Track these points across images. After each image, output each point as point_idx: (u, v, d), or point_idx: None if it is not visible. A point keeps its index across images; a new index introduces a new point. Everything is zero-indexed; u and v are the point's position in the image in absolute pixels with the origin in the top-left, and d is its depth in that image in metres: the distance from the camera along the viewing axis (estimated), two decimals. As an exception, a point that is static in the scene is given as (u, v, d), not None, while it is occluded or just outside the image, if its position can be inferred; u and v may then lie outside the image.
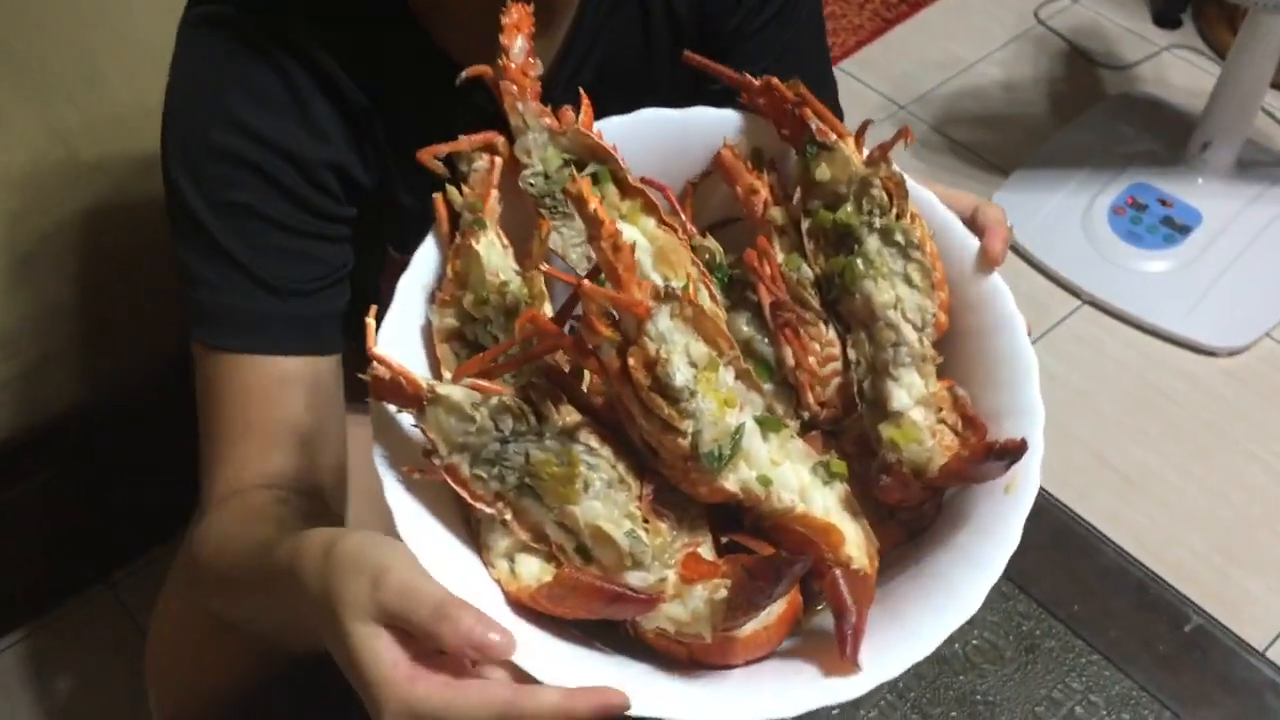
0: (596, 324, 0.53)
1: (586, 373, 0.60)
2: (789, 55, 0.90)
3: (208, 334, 0.80)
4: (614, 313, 0.53)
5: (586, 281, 0.53)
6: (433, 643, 0.52)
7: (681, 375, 0.53)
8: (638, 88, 0.76)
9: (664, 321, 0.53)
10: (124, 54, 1.40)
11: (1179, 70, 2.25)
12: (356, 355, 0.60)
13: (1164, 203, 1.92)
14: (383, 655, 0.52)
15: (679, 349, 0.53)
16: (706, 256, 0.65)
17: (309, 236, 0.81)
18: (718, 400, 0.54)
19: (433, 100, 0.78)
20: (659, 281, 0.58)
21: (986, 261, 0.64)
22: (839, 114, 0.96)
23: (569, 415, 0.56)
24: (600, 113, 0.66)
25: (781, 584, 0.54)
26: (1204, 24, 2.31)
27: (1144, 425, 1.73)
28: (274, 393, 0.79)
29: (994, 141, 2.13)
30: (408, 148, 0.71)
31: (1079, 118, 2.14)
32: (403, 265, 0.85)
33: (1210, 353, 1.80)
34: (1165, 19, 2.35)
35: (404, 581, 0.52)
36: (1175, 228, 1.89)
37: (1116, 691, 0.90)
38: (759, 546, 0.58)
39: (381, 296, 0.83)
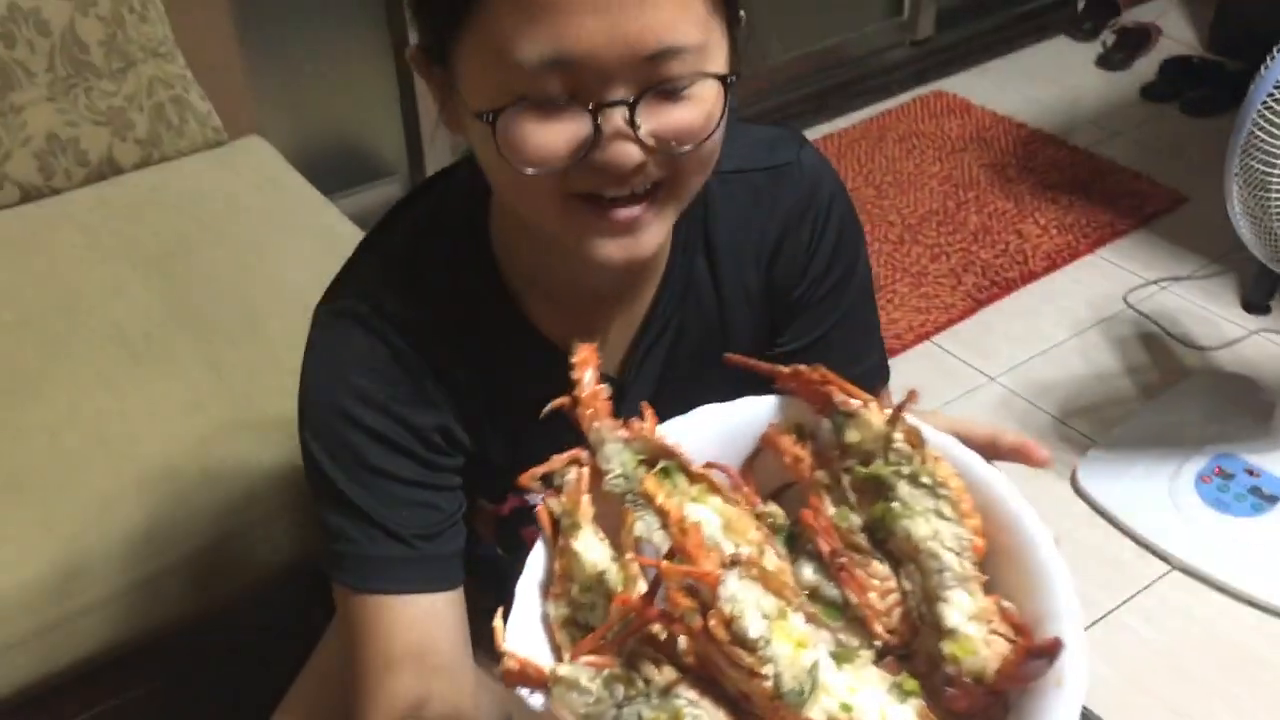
0: (678, 597, 0.62)
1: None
2: (846, 321, 1.01)
3: (352, 580, 0.91)
4: (692, 584, 0.62)
5: (665, 563, 0.63)
6: None
7: (755, 627, 0.61)
8: (712, 360, 0.87)
9: (733, 584, 0.61)
10: (277, 300, 1.62)
11: (1267, 351, 2.32)
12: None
13: (1251, 472, 1.96)
14: None
15: (750, 605, 0.61)
16: (770, 520, 0.74)
17: (427, 488, 0.92)
18: (792, 643, 0.61)
19: (525, 370, 0.91)
20: (729, 548, 0.67)
21: (1036, 462, 0.73)
22: (885, 369, 1.09)
23: (669, 675, 0.64)
24: (675, 389, 0.76)
25: None
26: (1292, 308, 2.39)
27: (1233, 690, 1.72)
28: (412, 627, 0.90)
29: (1082, 413, 2.21)
30: (499, 413, 0.83)
31: (1166, 392, 2.22)
32: (494, 513, 0.97)
33: (1303, 621, 1.79)
34: (1254, 305, 2.44)
35: None
36: (1263, 497, 1.92)
37: None
38: None
39: (482, 540, 0.96)
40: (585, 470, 0.71)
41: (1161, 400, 2.20)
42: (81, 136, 1.87)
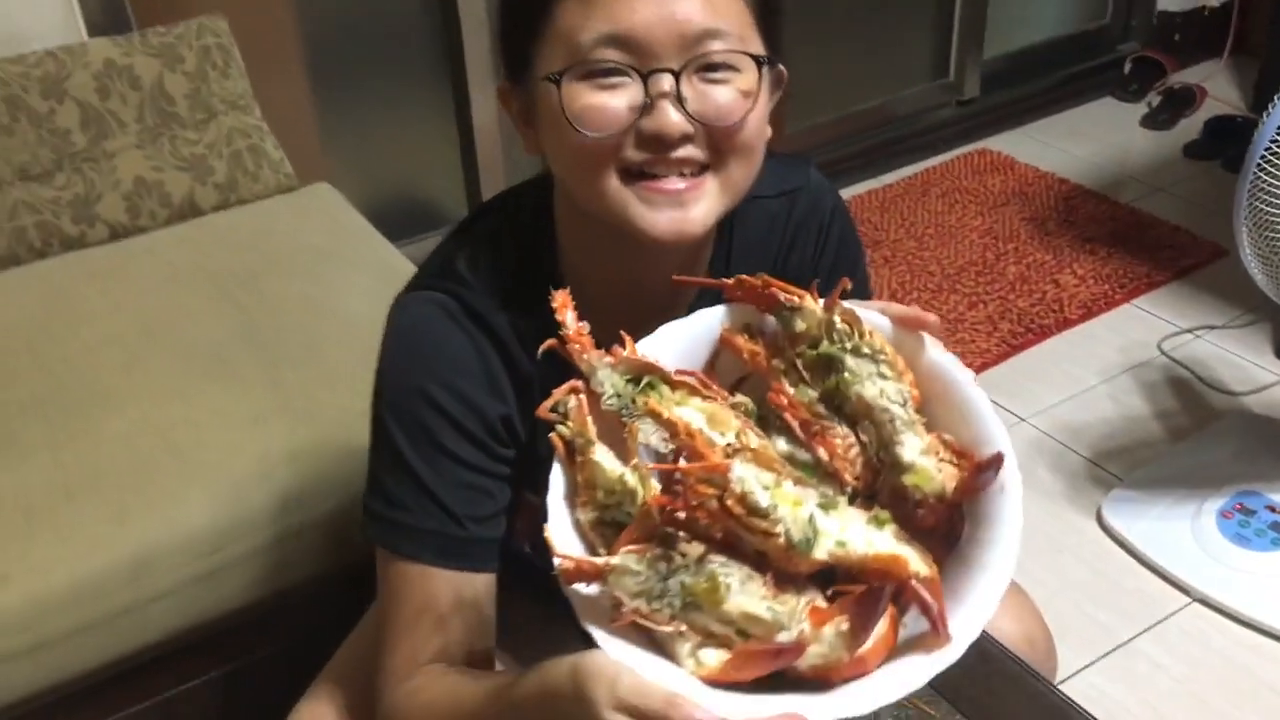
0: (699, 489, 0.75)
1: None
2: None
3: (403, 547, 0.99)
4: (706, 477, 0.75)
5: (684, 464, 0.75)
6: None
7: (763, 498, 0.74)
8: None
9: (739, 469, 0.74)
10: (336, 327, 1.76)
11: (1298, 397, 2.36)
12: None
13: (1271, 509, 2.00)
14: None
15: (755, 482, 0.75)
16: (743, 408, 0.86)
17: (485, 474, 1.00)
18: (791, 503, 0.75)
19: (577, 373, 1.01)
20: (718, 438, 0.80)
21: (926, 325, 0.84)
22: None
23: (698, 548, 0.77)
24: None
25: (882, 603, 0.74)
26: (1325, 357, 2.43)
27: (1249, 718, 1.75)
28: (448, 597, 1.00)
29: (1111, 454, 2.27)
30: None
31: (1194, 434, 2.27)
32: (535, 506, 1.06)
33: (1321, 652, 1.83)
34: (1287, 352, 2.49)
35: (636, 682, 0.72)
36: (1283, 532, 1.96)
37: None
38: (854, 588, 0.77)
39: (515, 536, 1.06)
40: (583, 397, 0.82)
41: (1189, 442, 2.25)
42: (166, 180, 2.05)
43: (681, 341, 0.89)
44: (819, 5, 3.10)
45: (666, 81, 0.87)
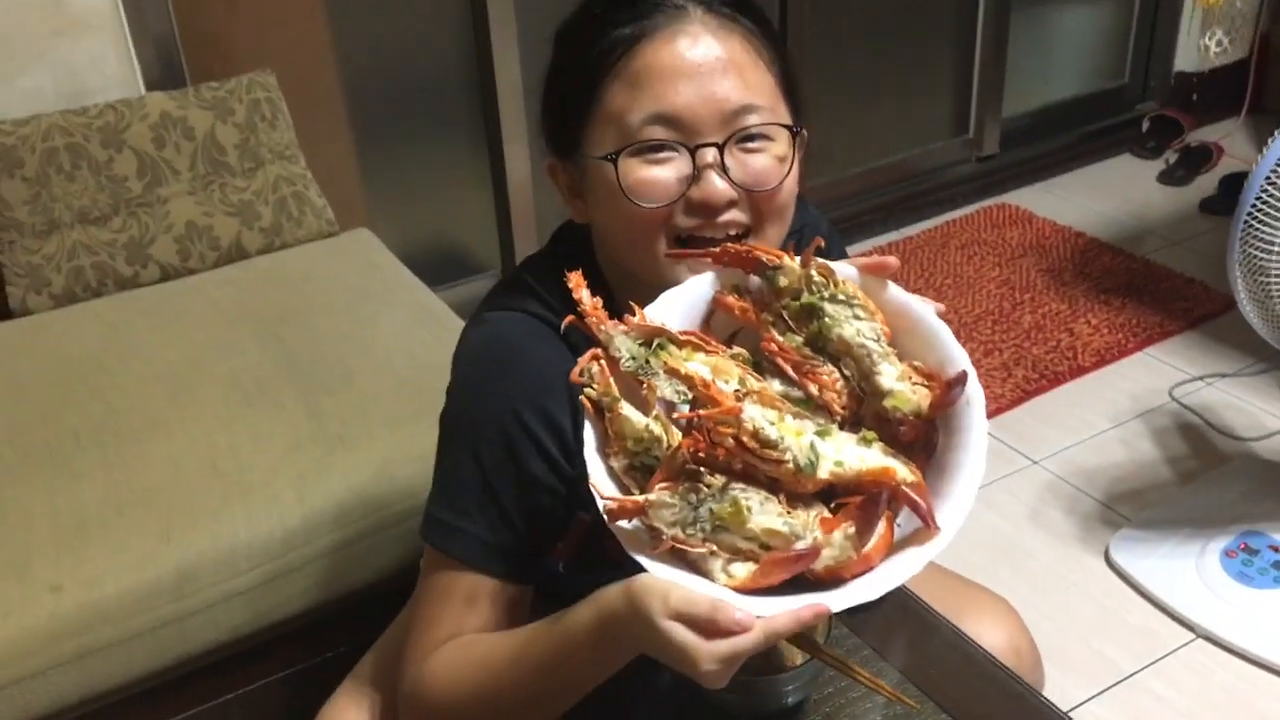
0: (720, 430, 0.86)
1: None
2: None
3: (455, 550, 1.04)
4: (723, 420, 0.86)
5: (705, 412, 0.86)
6: (711, 626, 0.82)
7: (772, 432, 0.86)
8: None
9: (751, 410, 0.86)
10: (370, 360, 1.86)
11: (1307, 443, 2.41)
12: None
13: (1275, 548, 2.05)
14: (687, 635, 0.82)
15: (762, 418, 0.86)
16: (741, 358, 0.96)
17: (548, 491, 1.04)
18: (794, 434, 0.87)
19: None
20: (726, 387, 0.90)
21: (888, 268, 0.94)
22: None
23: (720, 480, 0.88)
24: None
25: (880, 506, 0.86)
26: (1334, 405, 2.48)
27: (1248, 747, 1.80)
28: (486, 597, 1.06)
29: (1120, 495, 2.33)
30: None
31: (1202, 476, 2.32)
32: (584, 525, 1.13)
33: (1324, 689, 1.87)
34: (1299, 400, 2.54)
35: (685, 593, 0.83)
36: (1285, 571, 2.01)
37: None
38: (853, 498, 0.88)
39: (553, 555, 1.12)
40: (604, 362, 0.93)
41: (1197, 484, 2.31)
42: (215, 225, 2.17)
43: (680, 305, 0.99)
44: (844, 64, 3.22)
45: (711, 154, 0.98)
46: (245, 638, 1.61)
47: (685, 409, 0.90)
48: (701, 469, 0.88)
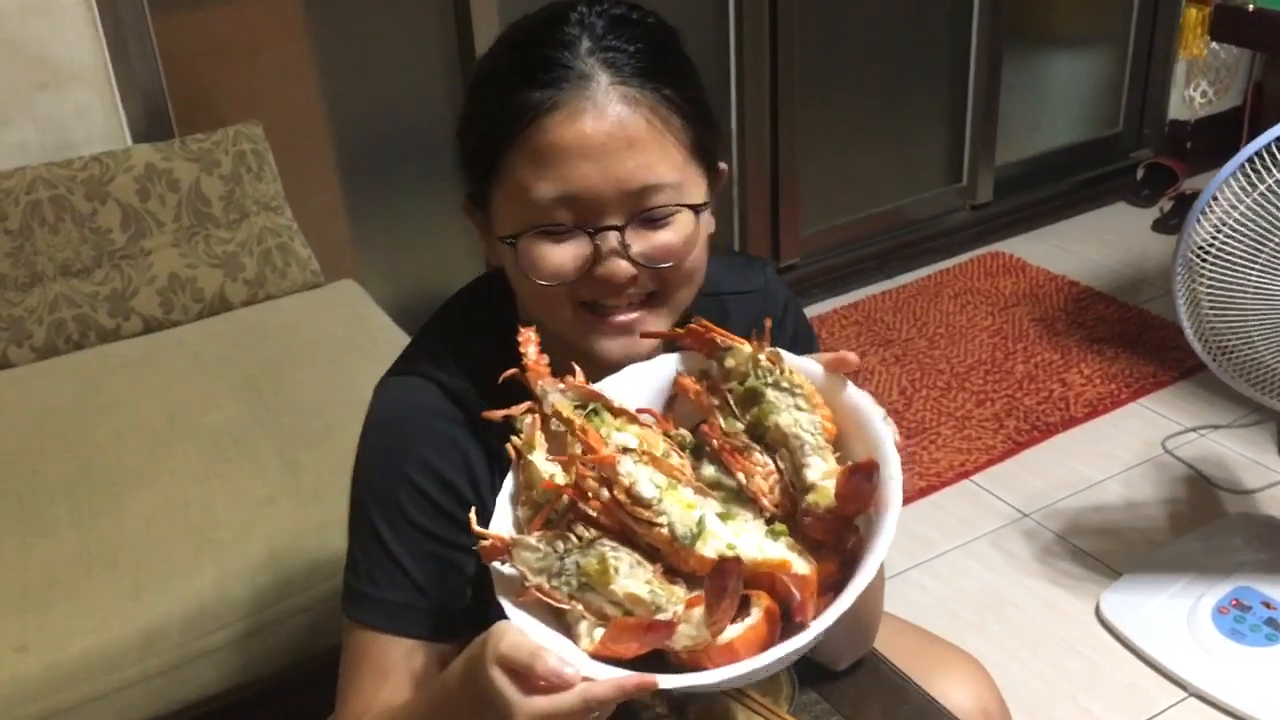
0: (584, 473, 0.85)
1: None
2: None
3: (364, 617, 1.05)
4: (594, 466, 0.85)
5: (574, 455, 0.85)
6: (529, 674, 0.80)
7: (648, 490, 0.84)
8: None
9: (627, 463, 0.84)
10: (350, 414, 1.83)
11: (1301, 496, 2.39)
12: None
13: (1267, 605, 2.02)
14: (507, 685, 0.80)
15: (642, 477, 0.84)
16: (678, 438, 0.94)
17: (455, 548, 1.04)
18: (681, 504, 0.85)
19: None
20: (621, 440, 0.88)
21: (849, 365, 0.92)
22: None
23: (593, 533, 0.85)
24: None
25: (730, 581, 0.80)
26: (1329, 457, 2.46)
27: (1240, 810, 1.76)
28: (399, 662, 1.06)
29: (1112, 549, 2.30)
30: None
31: (1195, 530, 2.29)
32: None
33: (1318, 750, 1.83)
34: (1291, 453, 2.51)
35: (514, 639, 0.81)
36: (1277, 628, 1.98)
37: None
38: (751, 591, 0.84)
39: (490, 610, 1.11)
40: (536, 416, 0.92)
41: (1189, 538, 2.28)
42: (199, 277, 2.17)
43: (642, 383, 0.98)
44: (836, 112, 3.22)
45: (613, 237, 0.96)
46: (212, 698, 1.59)
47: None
48: (577, 520, 0.85)
